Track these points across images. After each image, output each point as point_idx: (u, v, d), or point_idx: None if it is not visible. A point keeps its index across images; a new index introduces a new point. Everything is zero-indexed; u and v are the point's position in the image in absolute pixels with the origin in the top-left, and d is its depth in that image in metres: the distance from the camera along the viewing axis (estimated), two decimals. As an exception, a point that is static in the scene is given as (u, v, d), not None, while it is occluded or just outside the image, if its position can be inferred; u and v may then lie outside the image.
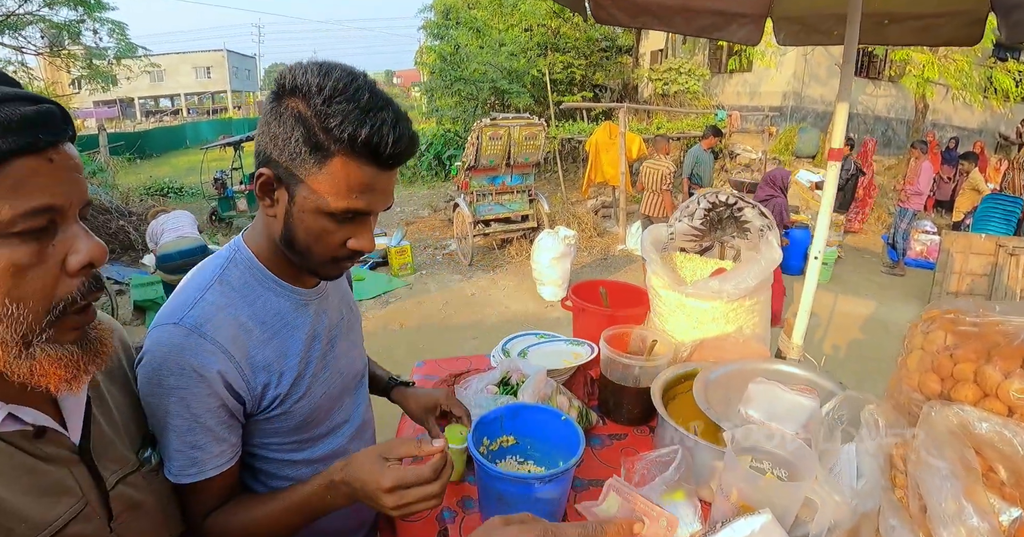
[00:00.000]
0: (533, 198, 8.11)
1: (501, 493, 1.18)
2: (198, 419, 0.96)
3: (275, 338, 1.06)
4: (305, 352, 1.11)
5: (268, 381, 1.04)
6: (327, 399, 1.18)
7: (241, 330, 1.01)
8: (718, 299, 1.69)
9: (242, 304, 1.03)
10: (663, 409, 1.45)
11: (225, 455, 1.01)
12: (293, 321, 1.10)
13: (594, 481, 1.47)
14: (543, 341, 1.93)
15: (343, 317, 1.25)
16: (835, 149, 1.91)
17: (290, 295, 1.10)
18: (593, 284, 2.08)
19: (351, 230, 0.97)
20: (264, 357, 1.04)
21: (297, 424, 1.12)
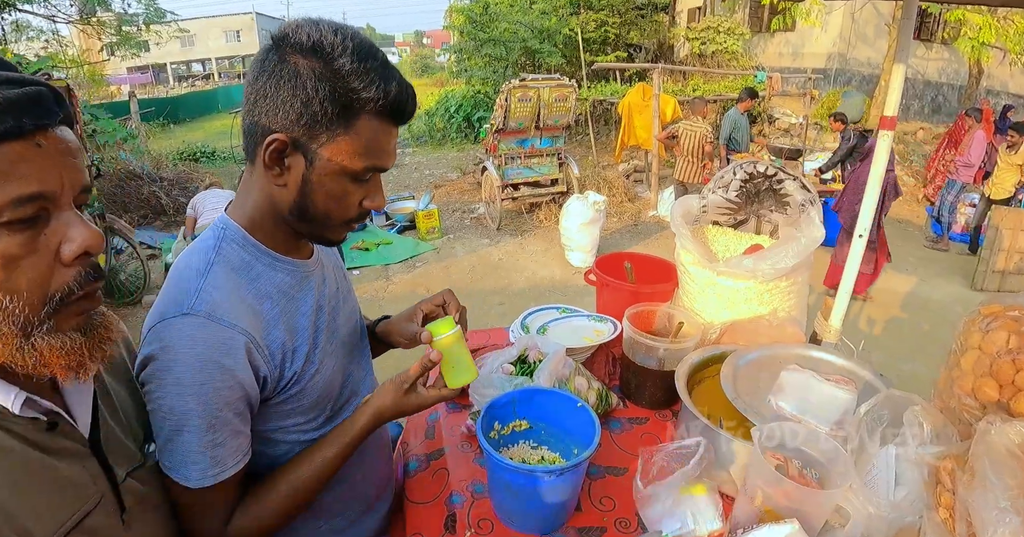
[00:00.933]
0: (563, 162, 7.94)
1: (509, 483, 1.12)
2: (220, 415, 0.90)
3: (283, 315, 1.01)
4: (313, 325, 1.07)
5: (285, 359, 1.00)
6: (337, 371, 1.14)
7: (251, 311, 0.96)
8: (752, 279, 1.59)
9: (245, 284, 0.98)
10: (687, 397, 1.37)
11: (243, 448, 0.96)
12: (297, 295, 1.05)
13: (611, 469, 1.41)
14: (564, 316, 1.85)
15: (339, 285, 1.21)
16: (888, 117, 1.76)
17: (290, 269, 1.05)
18: (618, 257, 1.99)
19: (367, 189, 0.96)
20: (278, 335, 0.99)
21: (313, 401, 1.08)
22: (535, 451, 1.34)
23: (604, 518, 1.27)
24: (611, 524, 1.25)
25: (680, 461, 1.26)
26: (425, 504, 1.35)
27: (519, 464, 1.09)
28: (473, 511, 1.30)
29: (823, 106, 12.40)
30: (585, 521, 1.26)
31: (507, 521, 1.23)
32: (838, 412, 1.30)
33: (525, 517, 1.20)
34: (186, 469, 0.90)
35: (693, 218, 1.82)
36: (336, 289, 1.19)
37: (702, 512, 1.21)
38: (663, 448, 1.27)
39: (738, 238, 1.88)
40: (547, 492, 1.13)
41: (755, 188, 1.79)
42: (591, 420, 1.21)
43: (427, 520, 1.30)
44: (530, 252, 7.07)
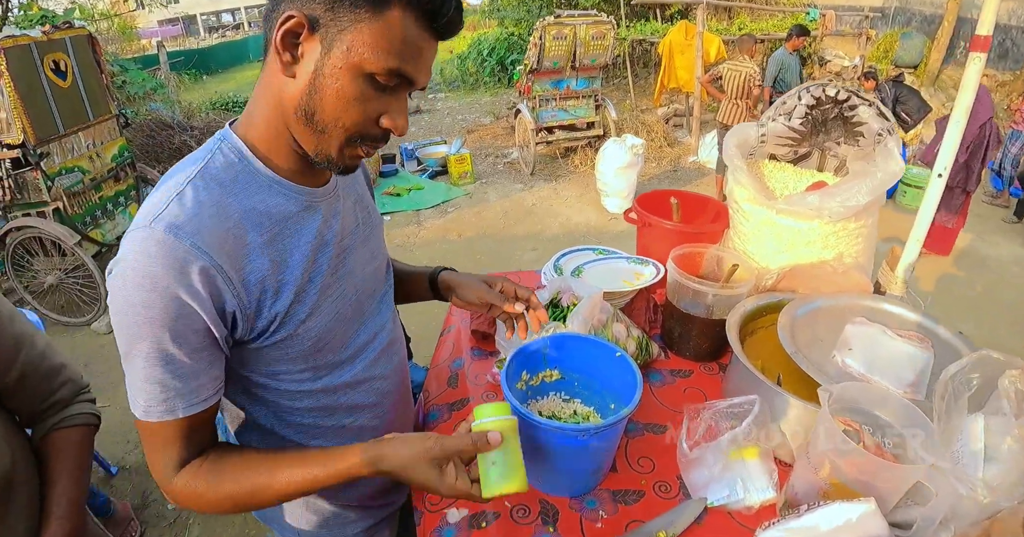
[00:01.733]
0: (599, 104, 7.60)
1: (538, 441, 0.99)
2: (168, 351, 0.79)
3: (273, 244, 0.87)
4: (310, 262, 0.92)
5: (263, 296, 0.86)
6: (341, 319, 1.00)
7: (229, 234, 0.82)
8: (817, 219, 1.40)
9: (231, 202, 0.84)
10: (740, 349, 1.21)
11: (202, 392, 0.85)
12: (296, 224, 0.91)
13: (651, 425, 1.27)
14: (601, 258, 1.69)
15: (359, 223, 1.06)
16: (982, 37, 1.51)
17: (293, 195, 0.90)
18: (662, 194, 1.80)
19: (387, 103, 0.82)
20: (259, 267, 0.85)
21: (308, 349, 0.95)
22: (567, 405, 1.21)
23: (642, 481, 1.14)
24: (649, 487, 1.13)
25: (730, 420, 1.11)
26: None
27: (548, 420, 0.95)
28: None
29: (879, 48, 11.60)
30: (621, 483, 1.14)
31: (534, 482, 1.11)
32: (912, 373, 1.14)
33: (555, 478, 1.08)
34: (133, 394, 0.83)
35: (749, 149, 1.62)
36: (355, 226, 1.04)
37: (753, 479, 1.07)
38: (711, 406, 1.13)
39: (798, 175, 1.67)
40: (580, 453, 1.00)
41: (823, 115, 1.57)
42: (632, 372, 1.07)
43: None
44: (564, 197, 6.86)
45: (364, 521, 1.27)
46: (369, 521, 1.28)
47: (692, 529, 1.04)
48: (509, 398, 0.95)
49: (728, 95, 6.22)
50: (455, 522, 1.10)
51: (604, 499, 1.10)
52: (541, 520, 1.07)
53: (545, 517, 1.07)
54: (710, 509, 1.07)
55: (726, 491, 1.07)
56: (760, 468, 1.08)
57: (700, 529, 1.05)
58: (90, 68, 4.77)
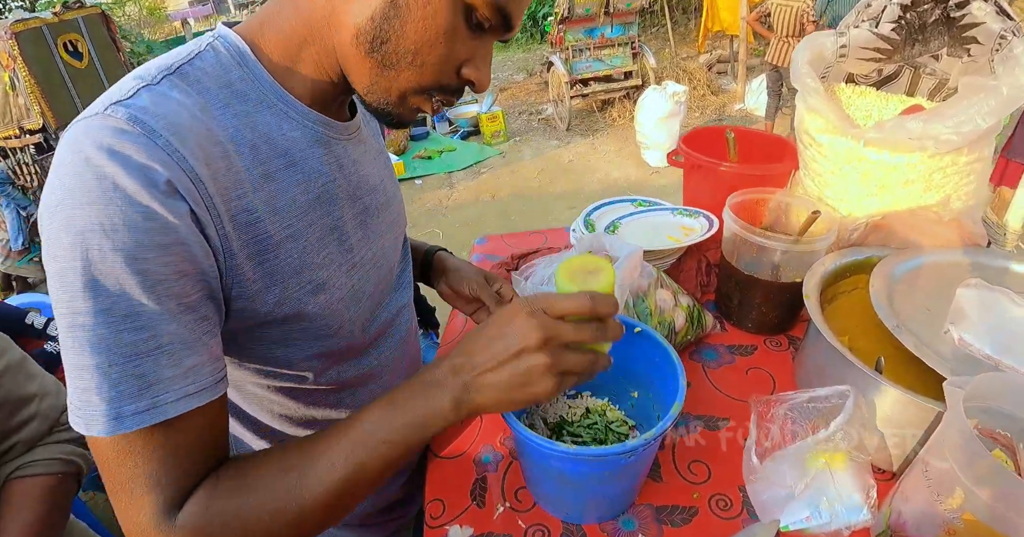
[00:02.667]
0: (637, 52, 7.11)
1: (565, 473, 0.74)
2: (145, 300, 0.53)
3: (271, 181, 0.65)
4: (317, 212, 0.71)
5: (256, 249, 0.64)
6: (360, 296, 0.80)
7: (217, 149, 0.60)
8: (920, 150, 1.08)
9: (219, 115, 0.62)
10: (823, 321, 0.93)
11: (201, 377, 0.57)
12: (305, 161, 0.69)
13: (706, 419, 1.00)
14: (642, 210, 1.40)
15: (383, 184, 0.86)
16: None
17: (306, 121, 0.69)
18: (712, 131, 1.49)
19: (475, 48, 0.65)
20: (252, 206, 0.63)
21: (318, 330, 0.74)
22: (574, 402, 0.96)
23: (694, 494, 0.88)
24: (704, 503, 0.87)
25: (812, 418, 0.84)
26: (451, 459, 1.00)
27: (580, 449, 0.67)
28: (509, 476, 0.94)
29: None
30: (666, 497, 0.88)
31: (553, 512, 0.86)
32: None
33: (582, 507, 0.83)
34: (82, 394, 0.53)
35: (824, 67, 1.29)
36: (379, 183, 0.84)
37: (843, 497, 0.80)
38: (786, 398, 0.86)
39: (884, 101, 1.34)
40: (618, 475, 0.75)
41: (920, 19, 1.23)
42: (662, 350, 0.81)
43: (451, 483, 0.96)
44: (602, 152, 6.52)
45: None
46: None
47: (763, 563, 0.79)
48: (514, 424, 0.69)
49: (777, 33, 5.71)
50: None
51: (645, 518, 0.85)
52: (564, 547, 0.83)
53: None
54: (784, 534, 0.81)
55: (806, 511, 0.80)
56: (852, 482, 0.80)
57: (774, 562, 0.79)
58: (106, 47, 4.72)
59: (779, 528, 0.81)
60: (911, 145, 1.08)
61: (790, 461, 0.79)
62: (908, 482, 0.73)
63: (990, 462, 0.59)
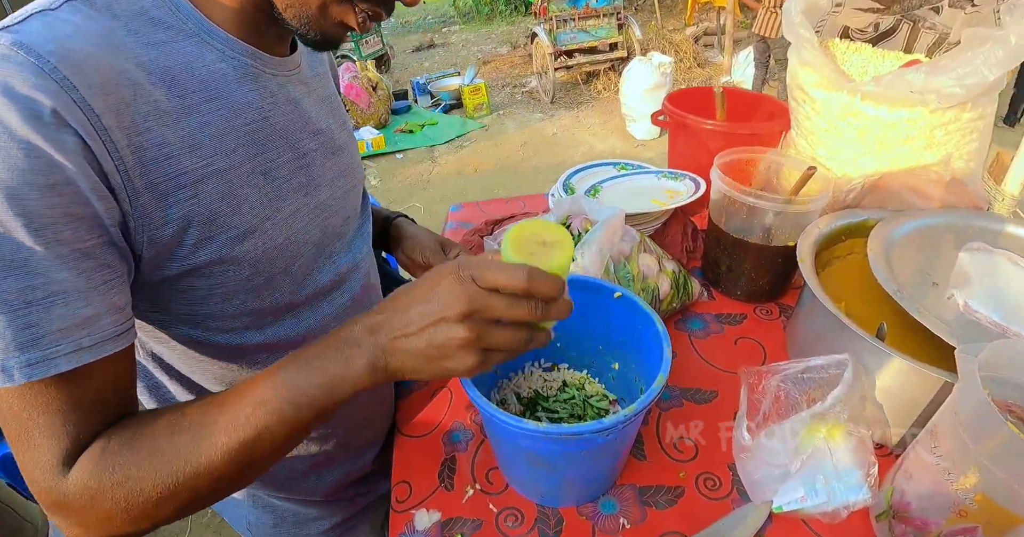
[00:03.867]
0: (622, 23, 6.95)
1: (539, 455, 0.66)
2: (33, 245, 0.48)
3: (192, 114, 0.59)
4: (246, 150, 0.65)
5: (169, 186, 0.57)
6: (299, 245, 0.73)
7: (124, 77, 0.54)
8: (921, 104, 1.01)
9: (131, 44, 0.56)
10: (818, 285, 0.86)
11: (97, 329, 0.52)
12: (231, 95, 0.63)
13: (693, 392, 0.94)
14: (624, 174, 1.32)
15: (330, 129, 0.80)
16: None
17: (232, 52, 0.63)
18: (698, 92, 1.41)
19: None
20: (166, 139, 0.57)
21: (247, 280, 0.68)
22: (549, 375, 0.89)
23: (680, 473, 0.82)
24: (691, 482, 0.80)
25: (808, 390, 0.77)
26: (418, 438, 0.93)
27: (555, 427, 0.60)
28: (480, 456, 0.87)
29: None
30: (650, 477, 0.82)
31: (529, 496, 0.80)
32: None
33: (559, 489, 0.76)
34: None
35: (819, 18, 1.21)
36: (323, 129, 0.78)
37: (841, 474, 0.73)
38: (780, 369, 0.79)
39: (880, 57, 1.26)
40: (598, 454, 0.68)
41: (922, -32, 1.15)
42: (644, 316, 0.74)
43: (418, 463, 0.90)
44: (587, 125, 6.39)
45: (330, 517, 1.02)
46: (339, 516, 1.03)
47: (754, 547, 0.72)
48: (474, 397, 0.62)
49: (765, 4, 5.60)
50: (423, 529, 0.80)
51: (627, 500, 0.78)
52: (538, 531, 0.76)
53: (544, 528, 0.76)
54: (777, 516, 0.75)
55: (800, 491, 0.74)
56: (851, 458, 0.74)
57: (765, 547, 0.73)
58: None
59: (772, 509, 0.75)
60: (912, 99, 1.01)
61: (784, 436, 0.72)
62: (913, 459, 0.67)
63: (1011, 437, 0.52)
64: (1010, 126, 5.12)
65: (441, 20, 13.83)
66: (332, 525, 1.02)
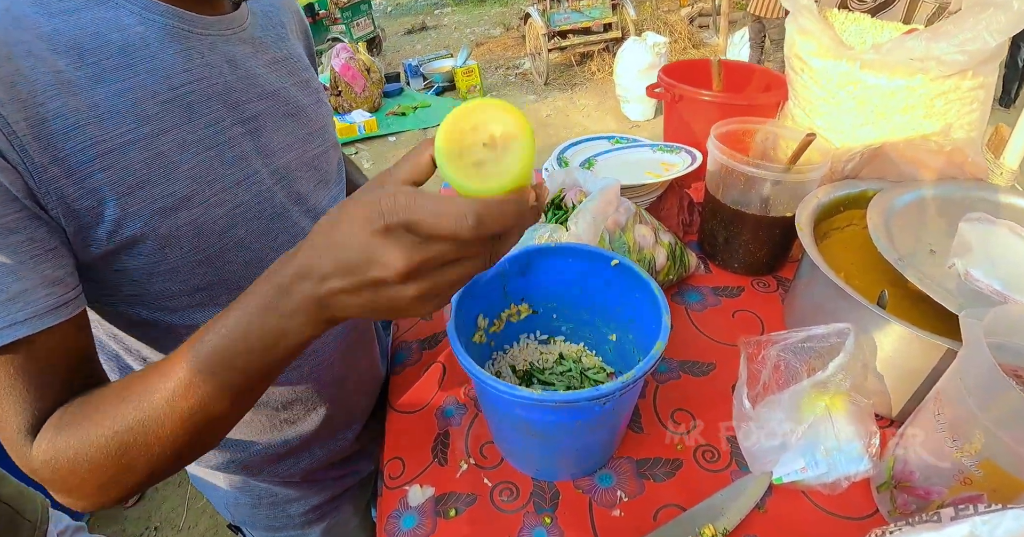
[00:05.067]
0: (616, 3, 6.88)
1: (535, 426, 0.65)
2: None
3: (101, 81, 0.56)
4: (175, 115, 0.61)
5: (79, 160, 0.54)
6: (250, 214, 0.69)
7: (19, 52, 0.52)
8: (921, 73, 0.99)
9: (29, 11, 0.54)
10: (816, 252, 0.85)
11: (29, 302, 0.52)
12: (149, 58, 0.60)
13: (690, 365, 0.93)
14: (619, 147, 1.30)
15: (285, 90, 0.75)
16: None
17: (149, 15, 0.60)
18: (693, 64, 1.39)
19: None
20: (70, 109, 0.54)
21: (191, 253, 0.64)
22: (546, 348, 0.87)
23: (678, 444, 0.81)
24: (689, 455, 0.79)
25: (809, 359, 0.76)
26: (410, 414, 0.92)
27: (549, 394, 0.58)
28: (474, 430, 0.86)
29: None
30: (648, 449, 0.80)
31: (524, 469, 0.78)
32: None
33: (555, 463, 0.75)
34: None
35: (819, -13, 1.18)
36: (275, 91, 0.73)
37: (842, 445, 0.72)
38: (779, 338, 0.78)
39: (878, 28, 1.23)
40: (595, 424, 0.66)
41: (923, -67, 1.13)
42: (644, 284, 0.72)
43: (411, 438, 0.88)
44: (581, 107, 6.34)
45: (312, 498, 0.99)
46: (320, 497, 1.00)
47: (752, 518, 0.71)
48: (470, 368, 0.60)
49: (761, -17, 5.55)
50: (417, 505, 0.79)
51: (624, 473, 0.77)
52: (534, 506, 0.75)
53: (540, 502, 0.75)
54: (777, 487, 0.74)
55: (801, 461, 0.73)
56: (852, 428, 0.73)
57: (764, 518, 0.72)
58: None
59: (772, 481, 0.74)
60: (912, 67, 0.99)
61: (785, 406, 0.71)
62: (915, 427, 0.66)
63: (1019, 400, 0.51)
64: (1005, 107, 5.09)
65: (433, 2, 13.67)
66: (313, 506, 1.00)
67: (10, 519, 1.32)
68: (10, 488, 1.36)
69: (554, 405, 0.57)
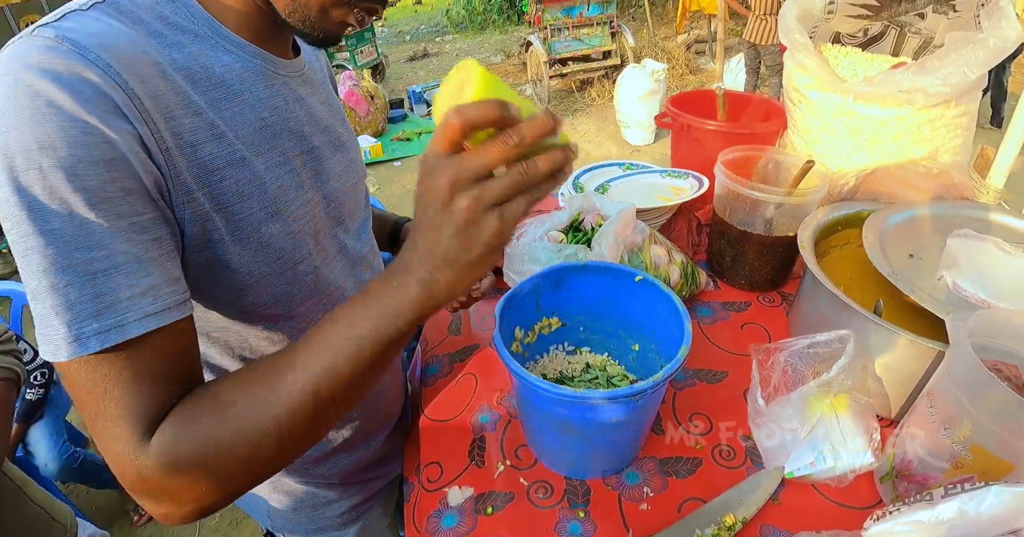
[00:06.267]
0: (615, 31, 7.06)
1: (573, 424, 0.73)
2: (94, 217, 0.51)
3: (211, 107, 0.63)
4: (264, 143, 0.69)
5: (197, 172, 0.61)
6: (316, 231, 0.78)
7: (155, 70, 0.58)
8: (909, 104, 1.08)
9: (153, 47, 0.60)
10: (819, 268, 0.93)
11: (160, 297, 0.55)
12: (246, 92, 0.67)
13: (704, 373, 1.00)
14: (631, 172, 1.39)
15: (334, 127, 0.83)
16: None
17: (245, 55, 0.68)
18: (698, 95, 1.49)
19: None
20: (194, 126, 0.60)
21: (272, 263, 0.71)
22: (573, 358, 0.95)
23: (697, 444, 0.88)
24: (707, 454, 0.87)
25: (813, 364, 0.84)
26: (445, 423, 0.99)
27: (590, 392, 0.66)
28: (508, 434, 0.93)
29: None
30: (669, 449, 0.88)
31: (557, 469, 0.86)
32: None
33: (588, 461, 0.83)
34: (50, 325, 0.51)
35: (812, 24, 1.28)
36: (327, 126, 0.82)
37: (846, 441, 0.80)
38: (786, 346, 0.85)
39: (869, 61, 1.34)
40: (626, 422, 0.73)
41: (907, -24, 1.23)
42: (665, 297, 0.80)
43: (447, 444, 0.95)
44: (582, 132, 6.47)
45: (347, 499, 1.05)
46: (354, 499, 1.06)
47: (767, 509, 0.79)
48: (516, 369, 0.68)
49: (755, 11, 5.71)
50: (457, 505, 0.86)
51: (649, 471, 0.85)
52: (568, 502, 0.82)
53: (573, 498, 0.82)
54: (789, 481, 0.82)
55: (810, 457, 0.80)
56: (855, 425, 0.81)
57: (778, 509, 0.79)
58: None
59: (784, 475, 0.81)
60: (900, 98, 1.08)
61: (794, 405, 0.79)
62: (912, 420, 0.74)
63: (998, 390, 0.59)
64: (996, 127, 5.21)
65: (434, 30, 13.96)
66: (348, 507, 1.05)
67: (46, 523, 1.38)
68: (39, 493, 1.41)
69: (596, 402, 0.65)
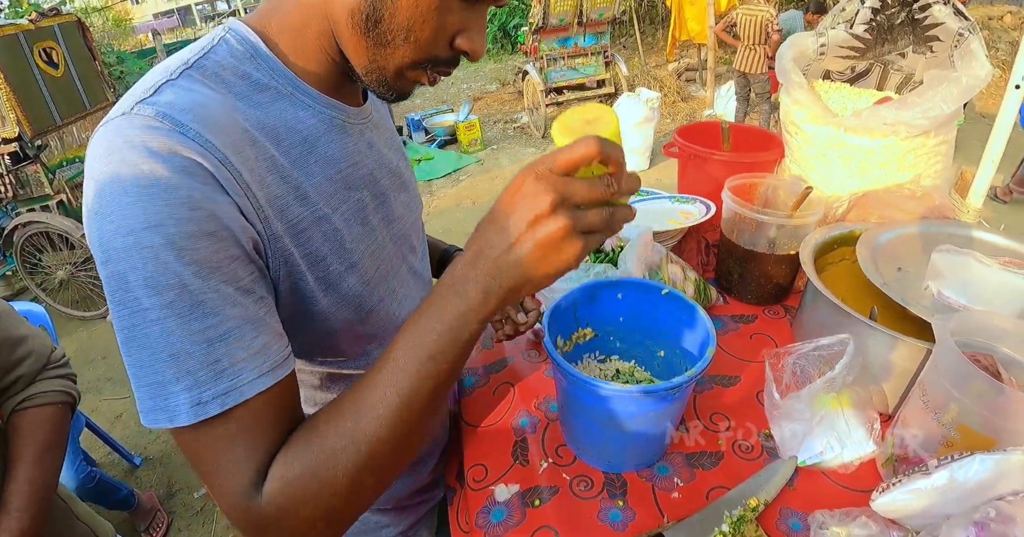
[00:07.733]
0: (609, 60, 7.32)
1: (615, 417, 0.83)
2: (206, 286, 0.53)
3: (296, 165, 0.66)
4: (341, 195, 0.72)
5: (281, 232, 0.64)
6: (388, 273, 0.81)
7: (245, 136, 0.61)
8: (893, 135, 1.21)
9: (239, 106, 0.63)
10: (820, 281, 1.05)
11: (271, 354, 0.58)
12: (324, 147, 0.70)
13: (720, 378, 1.11)
14: (641, 199, 1.52)
15: (399, 167, 0.87)
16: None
17: (322, 108, 0.70)
18: (703, 127, 1.62)
19: (468, 19, 0.64)
20: (279, 191, 0.64)
21: (351, 311, 0.75)
22: (603, 365, 1.06)
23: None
24: (728, 448, 0.97)
25: (819, 365, 0.95)
26: (487, 428, 1.09)
27: (634, 386, 0.77)
28: (548, 435, 1.04)
29: None
30: (695, 445, 0.98)
31: (595, 463, 0.97)
32: (1019, 302, 0.97)
33: (624, 454, 0.93)
34: (168, 393, 0.53)
35: (806, 63, 1.42)
36: (393, 166, 0.85)
37: (851, 432, 0.91)
38: (794, 350, 0.97)
39: (857, 95, 1.48)
40: (659, 417, 0.84)
41: (888, 21, 1.37)
42: (689, 308, 0.92)
43: (491, 448, 1.04)
44: (579, 159, 6.62)
45: (400, 524, 1.10)
46: (406, 522, 1.10)
47: (784, 494, 0.89)
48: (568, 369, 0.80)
49: (744, 42, 5.93)
50: (504, 500, 0.95)
51: (678, 464, 0.95)
52: (607, 493, 0.92)
53: (612, 489, 0.93)
54: (801, 469, 0.92)
55: (819, 447, 0.92)
56: (857, 418, 0.92)
57: (793, 493, 0.90)
58: (82, 55, 4.62)
59: (797, 464, 0.92)
60: (886, 130, 1.21)
61: (804, 401, 0.90)
62: (907, 410, 0.85)
63: (979, 377, 0.70)
64: None
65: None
66: (398, 532, 1.08)
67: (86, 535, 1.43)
68: (82, 508, 1.45)
69: (638, 395, 0.76)
